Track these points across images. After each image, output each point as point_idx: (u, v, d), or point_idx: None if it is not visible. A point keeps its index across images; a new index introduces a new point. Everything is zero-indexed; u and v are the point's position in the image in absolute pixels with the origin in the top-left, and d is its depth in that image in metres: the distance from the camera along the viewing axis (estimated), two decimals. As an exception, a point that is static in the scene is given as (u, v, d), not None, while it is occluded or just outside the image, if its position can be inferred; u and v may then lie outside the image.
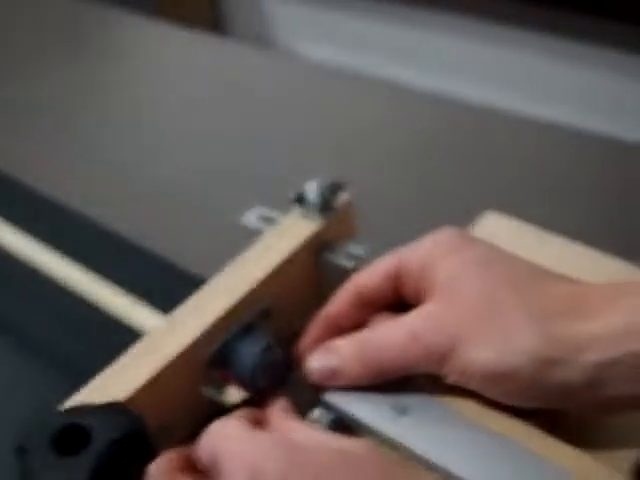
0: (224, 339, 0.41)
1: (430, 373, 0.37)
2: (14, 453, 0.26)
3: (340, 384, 0.39)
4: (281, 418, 0.37)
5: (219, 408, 0.41)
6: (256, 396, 0.42)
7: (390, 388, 0.39)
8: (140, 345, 0.39)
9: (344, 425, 0.39)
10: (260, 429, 0.35)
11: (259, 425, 0.36)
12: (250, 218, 0.49)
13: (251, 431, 0.33)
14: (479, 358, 0.34)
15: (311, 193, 0.45)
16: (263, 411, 0.39)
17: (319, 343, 0.41)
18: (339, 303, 0.42)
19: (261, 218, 0.49)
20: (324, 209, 0.46)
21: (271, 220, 0.48)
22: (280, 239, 0.45)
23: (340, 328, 0.42)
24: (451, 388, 0.38)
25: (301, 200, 0.46)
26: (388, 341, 0.38)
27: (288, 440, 0.33)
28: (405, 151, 0.74)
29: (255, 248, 0.45)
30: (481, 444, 0.36)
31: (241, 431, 0.33)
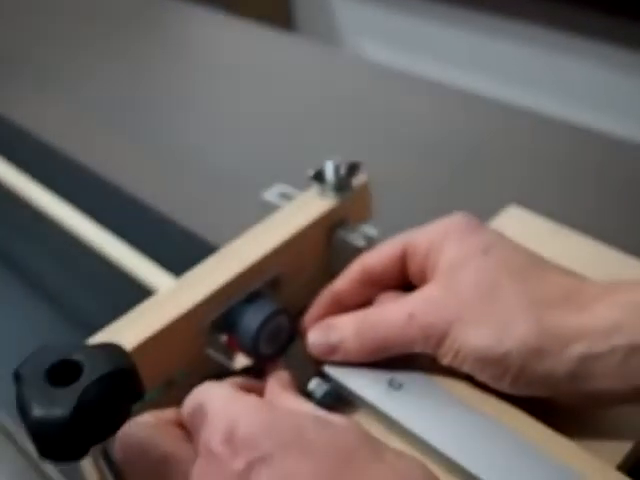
0: (231, 304, 0.42)
1: (427, 353, 0.38)
2: (13, 379, 0.28)
3: (339, 359, 0.40)
4: (276, 390, 0.38)
5: (226, 373, 0.42)
6: (258, 364, 0.43)
7: (387, 365, 0.40)
8: (148, 303, 0.41)
9: (338, 398, 0.40)
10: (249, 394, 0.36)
11: (251, 393, 0.37)
12: (271, 194, 0.51)
13: (237, 393, 0.34)
14: (473, 341, 0.35)
15: (329, 171, 0.46)
16: (260, 382, 0.40)
17: (323, 318, 0.42)
18: (346, 281, 0.43)
19: (281, 195, 0.50)
20: (340, 188, 0.46)
21: (290, 197, 0.49)
22: (295, 214, 0.46)
23: (345, 306, 0.42)
24: (447, 370, 0.38)
25: (319, 178, 0.47)
26: (387, 320, 0.38)
27: (270, 404, 0.34)
28: (436, 144, 0.74)
29: (270, 220, 0.46)
30: (470, 424, 0.36)
31: (228, 391, 0.34)
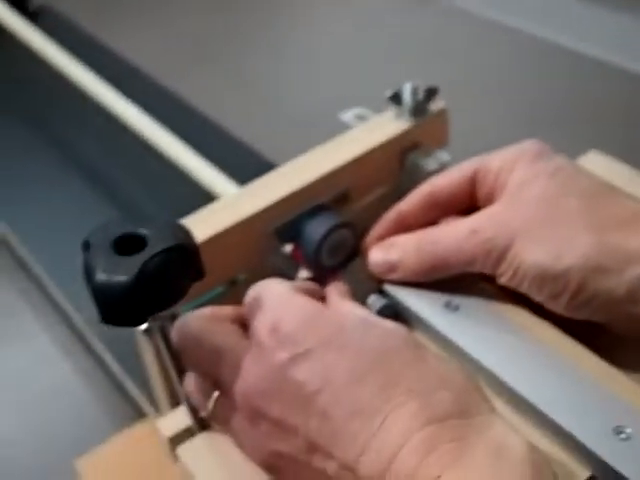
0: (296, 214, 0.42)
1: (484, 273, 0.38)
2: (81, 247, 0.29)
3: (399, 278, 0.40)
4: (334, 297, 0.39)
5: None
6: (319, 276, 0.43)
7: (445, 287, 0.40)
8: (214, 205, 0.42)
9: (395, 314, 0.40)
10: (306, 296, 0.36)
11: (310, 296, 0.38)
12: (348, 116, 0.51)
13: (293, 291, 0.35)
14: (533, 257, 0.35)
15: (406, 94, 0.46)
16: (320, 288, 0.41)
17: (386, 238, 0.42)
18: (412, 202, 0.43)
19: (357, 117, 0.50)
20: (417, 111, 0.46)
21: (366, 119, 0.49)
22: (368, 133, 0.46)
23: (409, 227, 0.42)
24: (505, 295, 0.38)
25: (397, 100, 0.47)
26: (447, 236, 0.38)
27: (320, 305, 0.34)
28: (525, 95, 0.73)
29: (342, 138, 0.46)
30: (525, 350, 0.36)
31: (285, 289, 0.35)
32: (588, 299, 0.34)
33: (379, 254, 0.41)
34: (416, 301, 0.40)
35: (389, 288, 0.41)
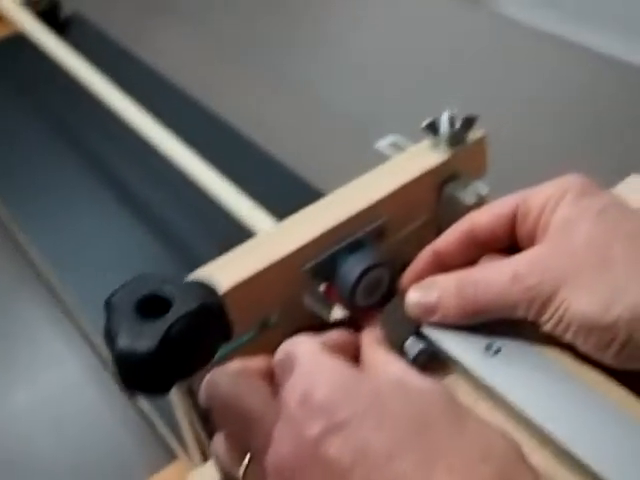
0: (332, 251, 0.41)
1: (527, 319, 0.36)
2: (104, 308, 0.28)
3: (437, 320, 0.38)
4: (370, 344, 0.37)
5: (321, 322, 0.42)
6: (354, 316, 0.42)
7: (486, 330, 0.38)
8: (248, 244, 0.41)
9: (432, 358, 0.38)
10: (338, 356, 0.34)
11: (342, 352, 0.36)
12: (383, 145, 0.49)
13: (324, 352, 0.33)
14: (581, 306, 0.33)
15: (444, 123, 0.44)
16: (354, 336, 0.39)
17: (422, 277, 0.40)
18: (450, 239, 0.41)
19: (393, 145, 0.49)
20: (454, 141, 0.44)
21: (402, 148, 0.48)
22: (405, 165, 0.44)
23: (446, 266, 0.40)
24: (548, 338, 0.36)
25: (433, 130, 0.45)
26: (488, 280, 0.36)
27: (353, 368, 0.32)
28: (567, 108, 0.71)
29: (379, 169, 0.45)
30: (571, 397, 0.34)
31: (316, 349, 0.33)
32: (636, 351, 0.32)
33: (418, 295, 0.39)
34: (454, 344, 0.38)
35: (426, 330, 0.39)
